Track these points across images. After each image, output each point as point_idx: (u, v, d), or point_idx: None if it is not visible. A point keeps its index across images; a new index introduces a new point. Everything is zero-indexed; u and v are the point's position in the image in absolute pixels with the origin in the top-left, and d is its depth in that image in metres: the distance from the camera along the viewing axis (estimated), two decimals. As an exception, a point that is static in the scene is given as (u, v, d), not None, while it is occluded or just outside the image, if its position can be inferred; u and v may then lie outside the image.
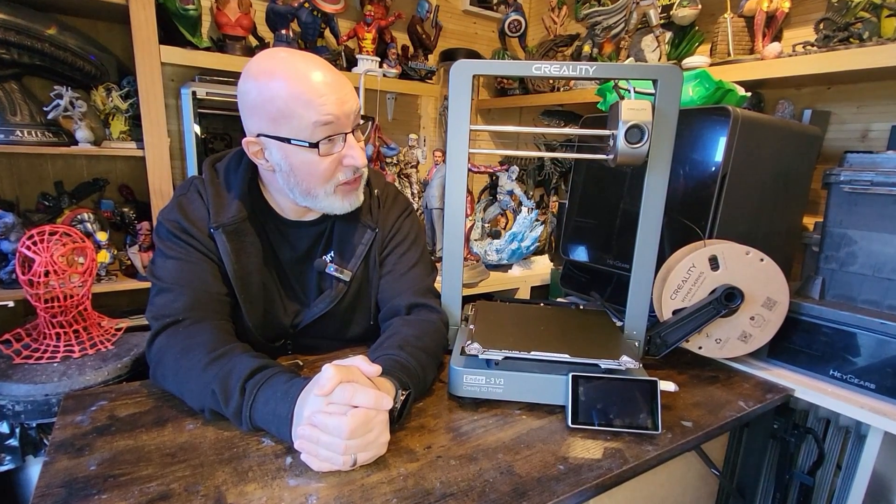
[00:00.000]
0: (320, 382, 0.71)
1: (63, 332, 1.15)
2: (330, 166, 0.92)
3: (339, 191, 0.96)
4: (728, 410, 0.96)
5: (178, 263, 0.94)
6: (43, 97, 1.56)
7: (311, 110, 0.86)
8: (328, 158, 0.91)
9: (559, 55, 2.37)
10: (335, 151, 0.91)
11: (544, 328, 1.06)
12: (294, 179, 0.93)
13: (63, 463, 0.70)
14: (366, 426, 0.70)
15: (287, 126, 0.88)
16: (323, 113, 0.86)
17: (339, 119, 0.89)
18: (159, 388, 0.90)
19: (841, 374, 1.07)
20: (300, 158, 0.90)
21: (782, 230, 1.35)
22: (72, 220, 1.62)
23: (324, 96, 0.86)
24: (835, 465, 1.17)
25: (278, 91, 0.86)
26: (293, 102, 0.86)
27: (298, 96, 0.86)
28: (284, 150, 0.90)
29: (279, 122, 0.88)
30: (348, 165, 0.94)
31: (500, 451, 0.78)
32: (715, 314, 1.05)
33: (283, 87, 0.86)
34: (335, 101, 0.87)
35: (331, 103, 0.87)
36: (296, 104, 0.86)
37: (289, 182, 0.94)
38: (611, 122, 0.99)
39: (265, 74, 0.88)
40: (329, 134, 0.89)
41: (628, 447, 0.82)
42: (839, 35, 1.35)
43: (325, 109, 0.86)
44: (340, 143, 0.92)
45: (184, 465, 0.71)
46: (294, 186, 0.94)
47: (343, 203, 0.98)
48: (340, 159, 0.93)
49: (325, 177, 0.93)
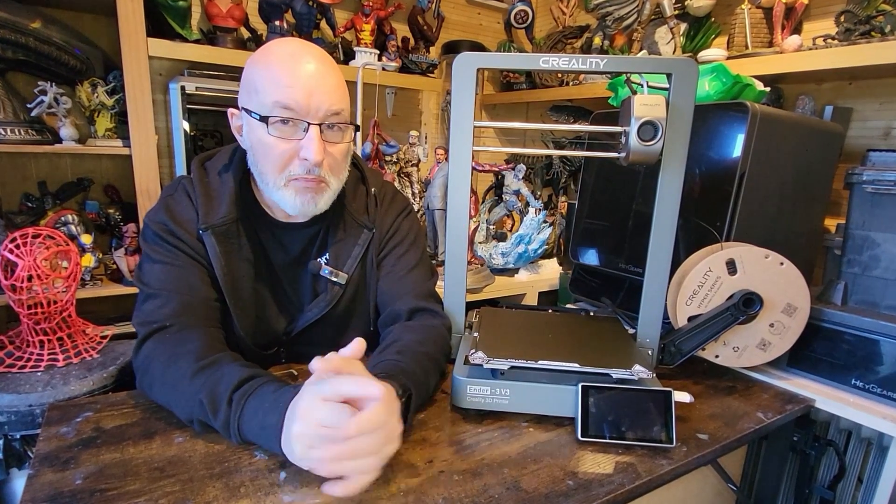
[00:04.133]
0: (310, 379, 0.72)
1: (47, 339, 1.15)
2: (283, 153, 0.92)
3: (292, 185, 0.94)
4: (746, 422, 0.96)
5: (166, 267, 0.94)
6: (26, 93, 1.57)
7: (275, 89, 0.89)
8: (280, 143, 0.91)
9: (568, 47, 2.38)
10: (287, 136, 0.91)
11: (552, 336, 1.06)
12: (253, 159, 0.96)
13: (48, 476, 0.70)
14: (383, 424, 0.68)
15: (255, 100, 0.91)
16: (283, 95, 0.89)
17: (301, 109, 0.90)
18: (146, 399, 0.90)
19: (863, 384, 1.07)
20: (257, 135, 0.93)
21: (803, 232, 1.35)
22: (56, 222, 1.63)
23: (292, 79, 0.89)
24: (856, 478, 1.17)
25: (260, 66, 0.92)
26: (263, 78, 0.91)
27: (270, 74, 0.90)
28: (249, 124, 0.94)
29: (251, 94, 0.92)
30: (302, 158, 0.92)
31: (505, 465, 0.78)
32: (732, 321, 1.05)
33: (265, 65, 0.91)
34: (302, 89, 0.89)
35: (296, 88, 0.89)
36: (264, 80, 0.90)
37: (251, 160, 0.97)
38: (622, 119, 0.99)
39: (263, 51, 0.94)
40: (284, 117, 0.90)
41: (641, 461, 0.81)
42: (860, 28, 1.35)
43: (287, 93, 0.89)
44: (300, 133, 0.92)
45: (173, 479, 0.71)
46: (254, 166, 0.97)
47: (295, 201, 0.95)
48: (297, 150, 0.92)
49: (275, 164, 0.93)
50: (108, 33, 1.74)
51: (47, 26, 1.54)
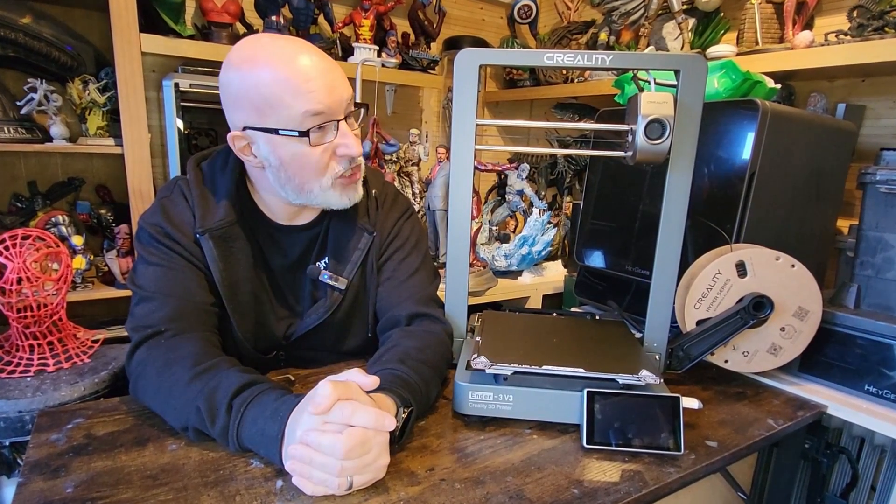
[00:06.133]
0: (315, 400, 0.71)
1: (37, 343, 1.16)
2: (323, 157, 0.92)
3: (337, 185, 0.96)
4: (756, 429, 0.96)
5: (161, 271, 0.94)
6: (16, 90, 1.58)
7: (300, 98, 0.86)
8: (320, 149, 0.91)
9: (573, 43, 2.38)
10: (327, 141, 0.91)
11: (557, 340, 1.07)
12: (285, 175, 0.93)
13: (38, 484, 0.70)
14: (363, 446, 0.71)
15: (274, 116, 0.88)
16: (312, 101, 0.87)
17: (330, 107, 0.89)
18: (139, 405, 0.91)
19: (877, 390, 1.07)
20: (290, 151, 0.90)
21: (815, 234, 1.35)
22: (46, 224, 1.63)
23: (312, 81, 0.87)
24: (869, 486, 1.17)
25: (262, 78, 0.86)
26: (279, 89, 0.86)
27: (285, 83, 0.86)
28: (273, 143, 0.90)
29: (265, 112, 0.88)
30: (343, 155, 0.93)
31: (509, 473, 0.79)
32: (742, 325, 1.05)
33: (268, 74, 0.86)
34: (324, 87, 0.88)
35: (320, 89, 0.87)
36: (282, 91, 0.86)
37: (279, 178, 0.94)
38: (629, 117, 1.00)
39: (247, 62, 0.88)
40: (319, 123, 0.89)
41: (648, 469, 0.82)
42: (874, 24, 1.36)
43: (315, 97, 0.87)
44: (333, 132, 0.92)
45: (166, 488, 0.71)
46: (286, 183, 0.94)
47: (341, 198, 0.98)
48: (334, 150, 0.93)
49: (318, 169, 0.93)
50: (100, 29, 1.74)
51: (38, 22, 1.54)
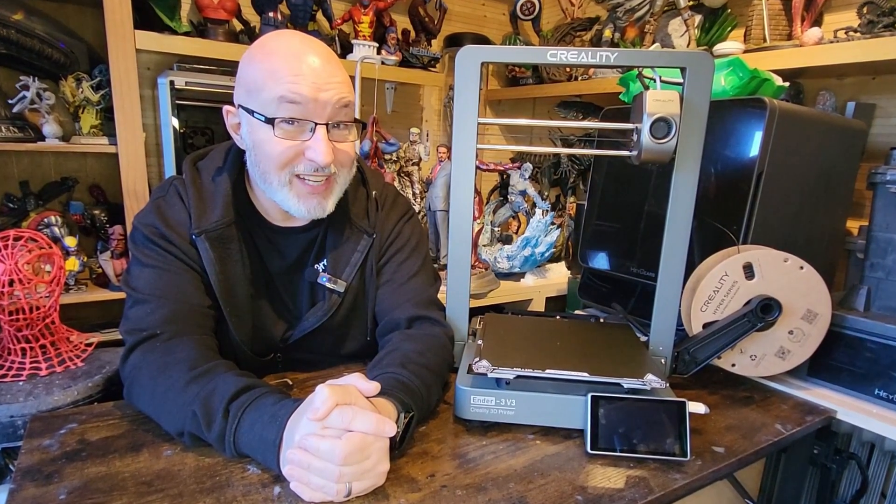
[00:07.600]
0: (314, 405, 0.71)
1: (29, 347, 1.16)
2: (286, 153, 0.91)
3: (295, 187, 0.95)
4: (764, 434, 0.96)
5: (156, 272, 0.94)
6: (8, 88, 1.58)
7: (278, 84, 0.88)
8: (284, 143, 0.91)
9: (577, 40, 2.38)
10: (296, 139, 0.91)
11: (561, 344, 1.07)
12: (254, 159, 0.95)
13: (31, 491, 0.71)
14: (363, 452, 0.71)
15: (256, 98, 0.91)
16: (290, 90, 0.88)
17: (309, 104, 0.89)
18: (133, 410, 0.91)
19: (887, 394, 1.07)
20: (259, 136, 0.92)
21: (824, 235, 1.35)
22: (38, 224, 1.64)
23: (299, 76, 0.88)
24: (879, 493, 1.17)
25: (259, 61, 0.91)
26: (265, 73, 0.89)
27: (273, 69, 0.89)
28: (251, 125, 0.93)
29: (252, 93, 0.91)
30: (309, 160, 0.92)
31: (511, 479, 0.79)
32: (750, 328, 1.05)
33: (264, 59, 0.90)
34: (309, 84, 0.89)
35: (302, 83, 0.88)
36: (267, 76, 0.89)
37: (251, 160, 0.97)
38: (634, 115, 1.00)
39: (260, 45, 0.93)
40: (292, 115, 0.90)
41: (654, 475, 0.82)
42: (884, 20, 1.36)
43: (292, 88, 0.88)
44: (307, 134, 0.92)
45: (161, 494, 0.71)
46: (254, 167, 0.96)
47: (298, 204, 0.96)
48: (303, 150, 0.92)
49: (278, 162, 0.92)
50: (94, 25, 1.75)
51: (30, 18, 1.55)
